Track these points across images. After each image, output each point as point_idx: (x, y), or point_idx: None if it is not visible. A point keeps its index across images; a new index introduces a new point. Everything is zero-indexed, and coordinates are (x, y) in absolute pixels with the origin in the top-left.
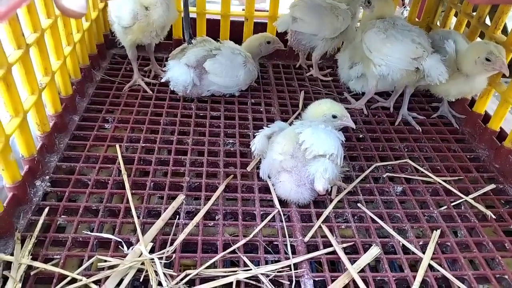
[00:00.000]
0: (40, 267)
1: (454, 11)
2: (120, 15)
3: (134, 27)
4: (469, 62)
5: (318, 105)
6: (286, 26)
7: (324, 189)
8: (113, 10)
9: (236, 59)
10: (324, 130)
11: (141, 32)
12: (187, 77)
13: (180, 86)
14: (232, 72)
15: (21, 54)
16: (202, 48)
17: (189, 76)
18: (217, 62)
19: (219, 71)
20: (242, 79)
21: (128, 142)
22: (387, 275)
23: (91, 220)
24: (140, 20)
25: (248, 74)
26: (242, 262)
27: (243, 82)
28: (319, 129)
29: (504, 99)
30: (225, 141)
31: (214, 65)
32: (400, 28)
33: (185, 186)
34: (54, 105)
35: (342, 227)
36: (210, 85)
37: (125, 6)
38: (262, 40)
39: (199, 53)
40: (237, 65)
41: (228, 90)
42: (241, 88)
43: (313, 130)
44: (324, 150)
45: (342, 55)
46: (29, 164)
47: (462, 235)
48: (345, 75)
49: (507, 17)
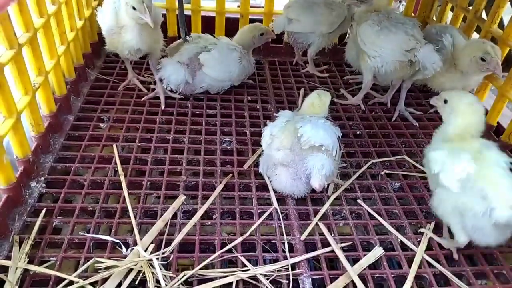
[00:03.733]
0: (37, 270)
1: (450, 5)
2: (101, 23)
3: (107, 40)
4: (465, 59)
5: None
6: (281, 28)
7: (321, 186)
8: (99, 16)
9: (232, 54)
10: (323, 125)
11: (114, 47)
12: (179, 75)
13: (172, 84)
14: (226, 67)
15: (13, 54)
16: (195, 45)
17: (181, 73)
18: (212, 55)
19: (212, 64)
20: (236, 74)
21: (123, 141)
22: (385, 272)
23: (87, 221)
24: (113, 37)
25: (242, 70)
26: (240, 262)
27: (236, 78)
28: (318, 124)
29: (501, 93)
30: (221, 139)
31: (208, 59)
32: (394, 20)
33: (181, 186)
34: (48, 105)
35: (340, 225)
36: (202, 82)
37: (106, 18)
38: (256, 33)
39: (192, 51)
40: (232, 60)
41: (221, 84)
42: (234, 83)
43: (313, 125)
44: (321, 141)
45: (350, 41)
46: (23, 165)
47: None
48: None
49: (503, 11)
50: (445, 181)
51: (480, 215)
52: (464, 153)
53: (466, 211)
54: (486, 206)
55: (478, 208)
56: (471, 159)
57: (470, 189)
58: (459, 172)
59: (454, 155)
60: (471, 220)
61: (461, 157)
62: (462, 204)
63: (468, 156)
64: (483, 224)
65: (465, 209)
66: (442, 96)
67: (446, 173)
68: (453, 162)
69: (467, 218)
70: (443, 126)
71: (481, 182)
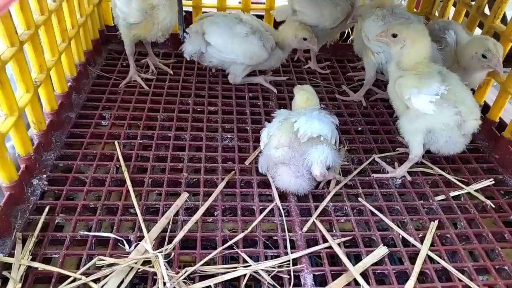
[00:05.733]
0: (40, 267)
1: (452, 0)
2: (128, 11)
3: (141, 24)
4: (467, 56)
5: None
6: (284, 16)
7: (322, 174)
8: (119, 5)
9: (236, 27)
10: (318, 116)
11: (147, 30)
12: (194, 44)
13: (186, 54)
14: (228, 38)
15: (14, 51)
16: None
17: (196, 43)
18: (214, 22)
19: (213, 30)
20: (240, 50)
21: (125, 138)
22: (387, 268)
23: (89, 219)
24: (147, 19)
25: (250, 48)
26: (241, 258)
27: (242, 55)
28: (313, 116)
29: (504, 89)
30: (223, 136)
31: (210, 25)
32: (398, 16)
33: (183, 183)
34: (50, 103)
35: (341, 221)
36: (212, 55)
37: (134, 2)
38: (299, 34)
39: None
40: (236, 33)
41: (226, 59)
42: (241, 62)
43: (307, 117)
44: (318, 132)
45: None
46: (25, 163)
47: (462, 226)
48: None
49: (506, 6)
50: (419, 105)
51: (456, 128)
52: (433, 77)
53: (440, 127)
54: (459, 120)
55: (452, 123)
56: (441, 81)
57: (447, 107)
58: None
59: (423, 80)
60: (446, 133)
61: (432, 81)
62: (437, 122)
63: (438, 79)
64: (455, 136)
65: (439, 126)
66: (388, 32)
67: (419, 98)
68: (425, 86)
69: (441, 133)
70: (396, 60)
71: (453, 100)
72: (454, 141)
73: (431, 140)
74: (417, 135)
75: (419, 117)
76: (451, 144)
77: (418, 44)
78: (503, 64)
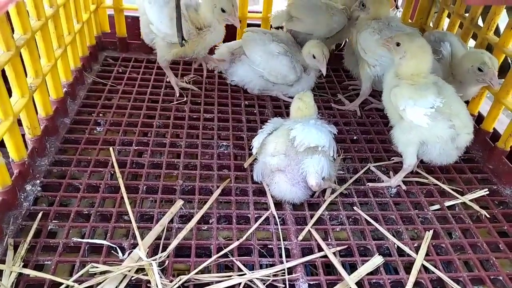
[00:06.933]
0: (31, 274)
1: (447, 12)
2: (172, 33)
3: (183, 47)
4: (463, 69)
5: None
6: (280, 22)
7: (317, 184)
8: (161, 27)
9: (270, 45)
10: (314, 125)
11: (191, 50)
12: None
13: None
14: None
15: (10, 56)
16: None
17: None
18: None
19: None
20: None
21: (120, 145)
22: (382, 277)
23: (83, 225)
24: (192, 39)
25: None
26: (236, 267)
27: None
28: (310, 124)
29: (497, 100)
30: (218, 143)
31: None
32: (395, 29)
33: (178, 190)
34: (45, 108)
35: (337, 230)
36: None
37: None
38: (311, 51)
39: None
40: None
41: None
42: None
43: (304, 126)
44: (316, 142)
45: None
46: (19, 168)
47: (456, 236)
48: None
49: (499, 18)
50: (413, 117)
51: (450, 141)
52: (429, 89)
53: (434, 139)
54: (453, 134)
55: (446, 136)
56: (437, 93)
57: (442, 120)
58: (428, 109)
59: (419, 91)
60: (440, 146)
61: (427, 93)
62: (431, 134)
63: (434, 91)
64: (448, 148)
65: (433, 138)
66: (393, 40)
67: (413, 110)
68: (421, 98)
69: (435, 145)
70: (395, 67)
71: (448, 113)
72: (447, 153)
73: (424, 151)
74: (411, 146)
75: (413, 129)
76: (444, 156)
77: (417, 60)
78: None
